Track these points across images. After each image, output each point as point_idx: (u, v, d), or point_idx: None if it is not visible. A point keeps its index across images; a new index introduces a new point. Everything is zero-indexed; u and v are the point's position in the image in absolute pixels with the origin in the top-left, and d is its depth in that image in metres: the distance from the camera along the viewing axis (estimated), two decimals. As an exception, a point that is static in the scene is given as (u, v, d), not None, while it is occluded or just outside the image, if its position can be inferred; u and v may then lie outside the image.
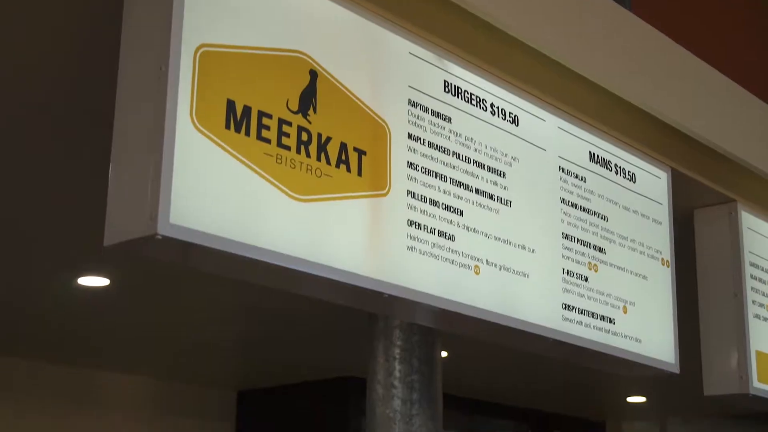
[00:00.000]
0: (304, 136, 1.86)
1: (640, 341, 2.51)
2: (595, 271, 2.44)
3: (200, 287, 3.92)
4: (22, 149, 2.57)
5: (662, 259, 2.65)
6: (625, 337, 2.48)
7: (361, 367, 4.47)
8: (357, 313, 4.02)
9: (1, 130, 2.47)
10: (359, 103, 1.98)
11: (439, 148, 2.12)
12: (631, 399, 5.99)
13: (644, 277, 2.57)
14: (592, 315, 2.40)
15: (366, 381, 3.95)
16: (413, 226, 2.04)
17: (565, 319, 2.33)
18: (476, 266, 2.15)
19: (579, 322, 2.36)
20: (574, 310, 2.36)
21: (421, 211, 2.06)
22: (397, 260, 1.99)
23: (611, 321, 2.45)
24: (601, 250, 2.47)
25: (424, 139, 2.10)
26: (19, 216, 3.09)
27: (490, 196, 2.22)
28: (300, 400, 5.54)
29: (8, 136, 2.49)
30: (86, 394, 5.16)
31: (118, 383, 5.29)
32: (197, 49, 1.70)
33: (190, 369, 5.33)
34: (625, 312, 2.49)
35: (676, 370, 2.62)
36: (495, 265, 2.19)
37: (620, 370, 2.62)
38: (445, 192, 2.11)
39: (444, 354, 4.03)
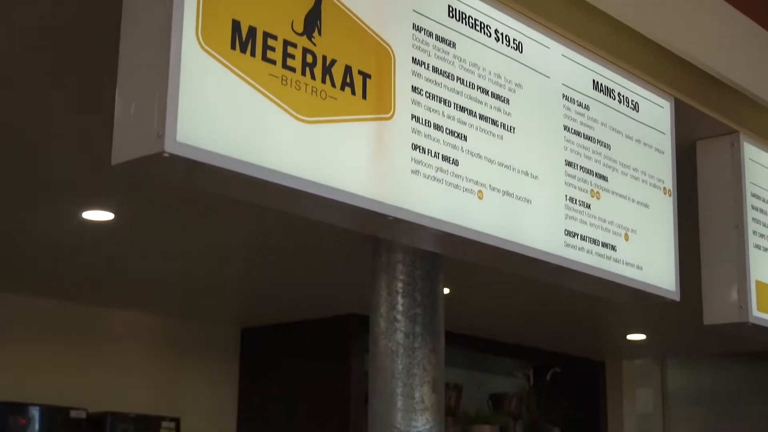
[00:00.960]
0: (309, 58, 1.86)
1: (641, 268, 2.54)
2: (598, 198, 2.46)
3: (204, 224, 3.95)
4: (23, 76, 2.57)
5: (664, 188, 2.66)
6: (627, 264, 2.50)
7: (363, 305, 4.52)
8: (360, 250, 4.06)
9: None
10: (363, 26, 1.98)
11: (443, 73, 2.13)
12: (631, 337, 6.04)
13: (646, 206, 2.59)
14: (594, 242, 2.42)
15: (369, 317, 4.00)
16: (417, 150, 2.05)
17: (568, 245, 2.36)
18: (480, 191, 2.17)
19: (581, 249, 2.38)
20: (576, 237, 2.38)
21: (425, 136, 2.07)
22: (402, 183, 2.01)
23: (613, 248, 2.47)
24: (604, 177, 2.49)
25: (428, 64, 2.10)
26: (21, 147, 3.09)
27: (494, 122, 2.23)
28: (303, 337, 5.59)
29: (9, 62, 2.49)
30: (90, 330, 5.20)
31: (122, 320, 5.34)
32: (202, -33, 1.70)
33: (194, 306, 5.37)
34: (626, 239, 2.51)
35: (677, 297, 2.65)
36: (498, 191, 2.21)
37: (621, 298, 2.65)
38: (449, 117, 2.12)
39: (446, 291, 4.07)
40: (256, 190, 1.84)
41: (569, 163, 2.40)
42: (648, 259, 2.56)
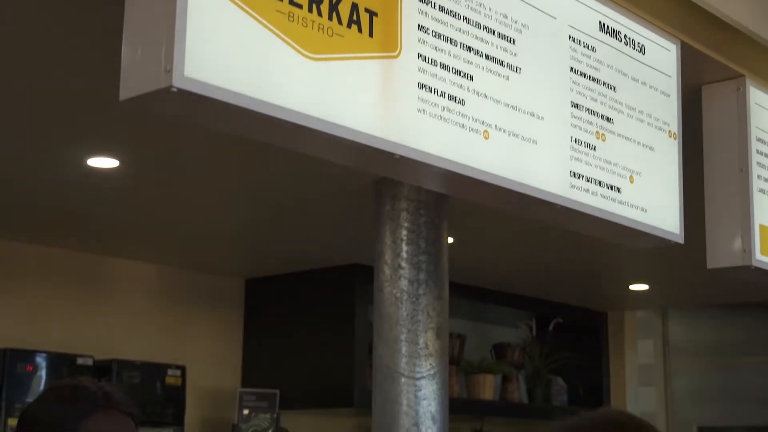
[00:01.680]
0: (316, -5, 1.86)
1: (646, 211, 2.55)
2: (603, 140, 2.46)
3: (209, 173, 3.96)
4: (26, 17, 2.56)
5: (669, 131, 2.67)
6: (631, 206, 2.51)
7: (367, 255, 4.54)
8: (364, 199, 4.07)
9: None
10: (370, -37, 1.98)
11: (449, 12, 2.13)
12: (633, 287, 6.07)
13: (651, 149, 2.60)
14: (599, 183, 2.44)
15: (373, 267, 4.02)
16: (423, 89, 2.05)
17: (573, 186, 2.37)
18: (485, 131, 2.18)
19: (586, 190, 2.40)
20: (581, 178, 2.39)
21: (431, 75, 2.07)
22: (408, 122, 2.02)
23: (617, 190, 2.48)
24: (609, 120, 2.49)
25: (434, 3, 2.10)
26: (24, 90, 3.09)
27: (500, 62, 2.23)
28: (307, 288, 5.62)
29: (10, 3, 2.48)
30: (94, 280, 5.23)
31: (127, 270, 5.37)
32: None
33: (198, 257, 5.39)
34: (631, 181, 2.52)
35: (681, 240, 2.66)
36: (504, 131, 2.22)
37: (625, 240, 2.67)
38: (455, 56, 2.13)
39: (450, 240, 4.09)
40: (262, 127, 1.85)
41: (575, 105, 2.40)
42: (652, 201, 2.58)
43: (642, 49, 2.62)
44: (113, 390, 2.23)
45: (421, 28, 2.06)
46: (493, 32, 2.21)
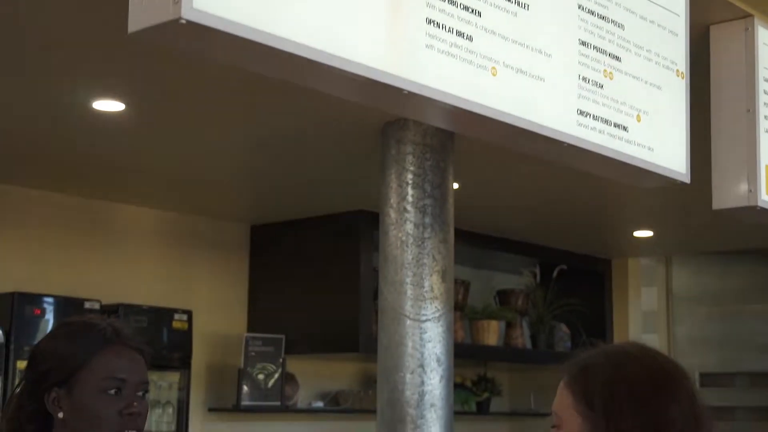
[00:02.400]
0: (323, -73, 1.85)
1: (653, 150, 2.55)
2: (611, 78, 2.46)
3: (214, 117, 3.95)
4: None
5: (677, 70, 2.66)
6: (638, 145, 2.51)
7: (372, 201, 4.54)
8: (369, 143, 4.07)
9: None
10: None
11: (457, -53, 2.11)
12: (637, 234, 6.08)
13: (658, 87, 2.59)
14: (606, 122, 2.43)
15: (378, 213, 4.03)
16: (432, 24, 2.05)
17: (580, 124, 2.36)
18: (493, 68, 2.17)
19: (593, 128, 2.40)
20: (588, 116, 2.39)
21: (439, 10, 2.06)
22: (416, 57, 2.01)
23: (625, 129, 2.48)
24: (617, 58, 2.48)
25: (442, -63, 2.08)
26: (29, 33, 3.07)
27: (508, -1, 2.22)
28: (312, 234, 5.63)
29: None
30: (101, 225, 5.25)
31: (133, 215, 5.38)
32: None
33: (204, 203, 5.40)
34: (638, 120, 2.52)
35: (687, 180, 2.67)
36: (512, 68, 2.21)
37: (632, 180, 2.67)
38: (463, -8, 2.11)
39: (455, 186, 4.09)
40: (270, 60, 1.85)
41: (583, 43, 2.39)
42: (659, 140, 2.58)
43: (650, -13, 2.60)
44: (122, 326, 2.25)
45: (429, -38, 2.05)
46: (502, -32, 2.20)
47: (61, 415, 2.13)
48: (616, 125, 2.45)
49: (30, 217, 4.98)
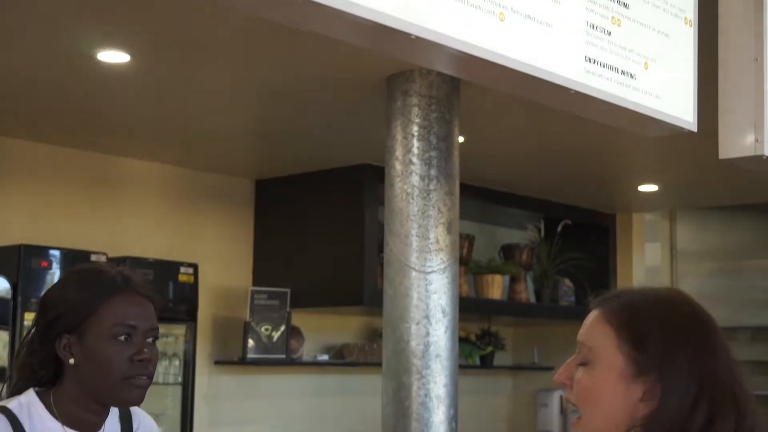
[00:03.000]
0: None
1: (660, 98, 2.54)
2: (618, 25, 2.44)
3: (220, 70, 3.94)
4: None
5: (685, 18, 2.64)
6: (645, 92, 2.50)
7: (377, 155, 4.54)
8: (375, 95, 4.06)
9: None
10: None
11: None
12: (642, 188, 6.08)
13: (666, 35, 2.58)
14: (614, 69, 2.42)
15: (383, 167, 4.03)
16: (440, -32, 2.03)
17: (587, 71, 2.36)
18: (501, 13, 2.16)
19: (600, 76, 2.39)
20: (596, 63, 2.38)
21: (447, -45, 2.05)
22: (424, 2, 2.00)
23: (632, 76, 2.47)
24: (625, 5, 2.46)
25: None
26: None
27: (516, -57, 2.20)
28: (317, 188, 5.64)
29: None
30: (106, 179, 5.26)
31: (138, 170, 5.39)
32: None
33: (209, 157, 5.41)
34: (646, 68, 2.51)
35: (694, 128, 2.66)
36: (519, 14, 2.20)
37: (639, 128, 2.67)
38: (470, -64, 2.10)
39: (461, 139, 4.09)
40: (277, 3, 1.84)
41: (591, -11, 2.38)
42: (667, 88, 2.57)
43: (659, -66, 2.58)
44: (132, 274, 2.27)
45: None
46: None
47: (72, 361, 2.15)
48: (623, 72, 2.44)
49: (36, 171, 4.99)
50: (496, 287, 6.19)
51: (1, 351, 4.22)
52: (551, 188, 6.14)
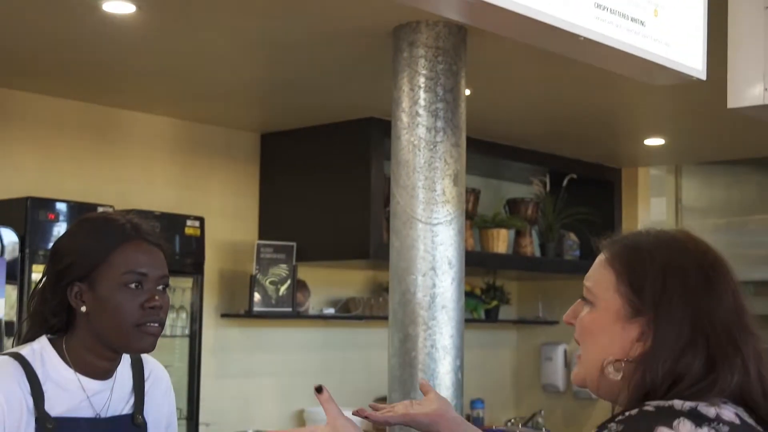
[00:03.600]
0: None
1: (669, 45, 2.53)
2: (628, -28, 2.43)
3: (227, 21, 3.92)
4: None
5: (695, -35, 2.63)
6: (655, 40, 2.50)
7: (383, 108, 4.53)
8: (381, 47, 4.04)
9: None
10: None
11: None
12: (648, 142, 6.07)
13: (676, -18, 2.57)
14: (623, 16, 2.41)
15: (389, 121, 4.03)
16: None
17: (597, 18, 2.35)
18: (511, -41, 2.15)
19: (610, 22, 2.38)
20: (605, 10, 2.37)
21: None
22: (433, -54, 2.00)
23: (641, 23, 2.46)
24: (636, -49, 2.45)
25: None
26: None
27: None
28: (322, 142, 5.63)
29: None
30: (110, 132, 5.26)
31: (144, 123, 5.39)
32: None
33: (214, 110, 5.40)
34: (655, 15, 2.50)
35: (703, 76, 2.65)
36: (529, -41, 2.19)
37: (648, 76, 2.66)
38: None
39: (467, 92, 4.08)
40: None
41: (601, -66, 2.36)
42: (676, 36, 2.56)
43: None
44: (142, 222, 2.28)
45: None
46: None
47: (83, 309, 2.17)
48: (633, 19, 2.43)
49: (41, 123, 4.99)
50: (501, 241, 6.20)
51: (10, 306, 4.23)
52: (557, 142, 6.13)
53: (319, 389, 1.88)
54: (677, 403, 1.49)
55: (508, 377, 7.22)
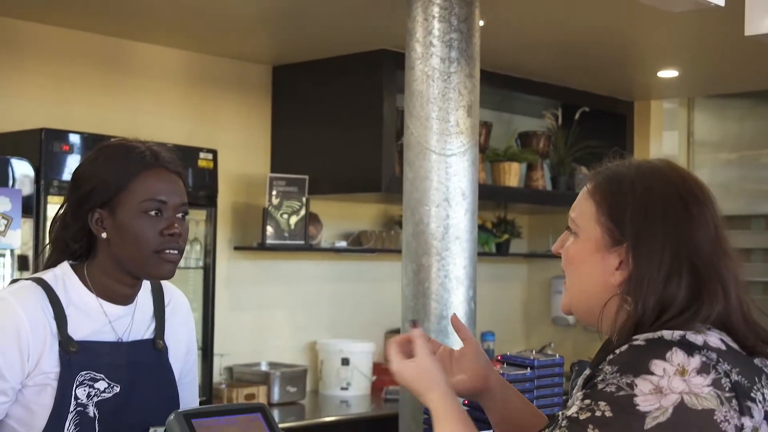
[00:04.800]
0: None
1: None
2: None
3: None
4: None
5: None
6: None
7: (396, 40, 4.50)
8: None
9: None
10: None
11: None
12: (662, 74, 6.03)
13: None
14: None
15: (402, 53, 4.00)
16: None
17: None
18: None
19: (630, -52, 2.36)
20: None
21: None
22: None
23: (661, -51, 2.44)
24: None
25: None
26: None
27: None
28: (335, 74, 5.61)
29: None
30: (123, 65, 5.24)
31: (155, 55, 5.37)
32: None
33: (225, 42, 5.37)
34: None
35: (721, 2, 2.63)
36: None
37: (667, 3, 2.64)
38: None
39: (481, 23, 4.05)
40: None
41: None
42: (695, -39, 2.54)
43: None
44: (162, 149, 2.30)
45: None
46: None
47: (104, 235, 2.19)
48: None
49: (52, 55, 4.98)
50: (513, 175, 6.20)
51: (24, 242, 4.23)
52: (570, 75, 6.10)
53: (414, 324, 1.84)
54: (666, 334, 1.52)
55: (519, 310, 7.28)
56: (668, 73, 5.97)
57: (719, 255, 1.59)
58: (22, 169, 4.23)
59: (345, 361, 5.70)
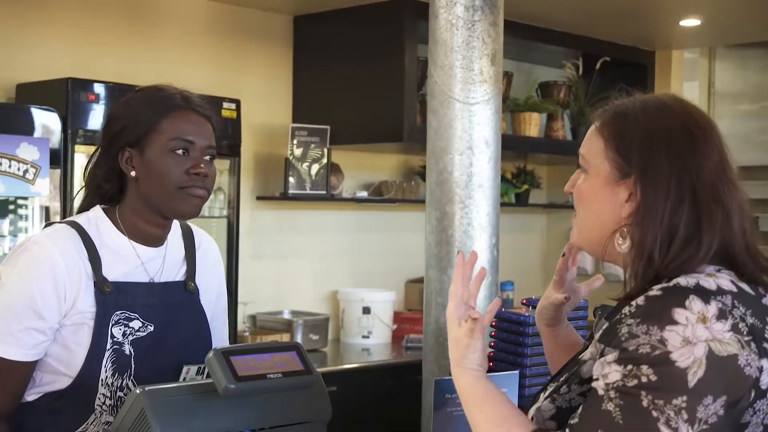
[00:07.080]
0: None
1: None
2: None
3: None
4: None
5: None
6: None
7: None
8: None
9: None
10: None
11: None
12: (684, 23, 5.99)
13: None
14: None
15: (425, 2, 3.99)
16: None
17: None
18: None
19: None
20: None
21: None
22: None
23: None
24: None
25: None
26: None
27: None
28: (356, 24, 5.60)
29: None
30: (147, 14, 5.25)
31: (178, 3, 5.37)
32: None
33: (247, -8, 5.38)
34: None
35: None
36: None
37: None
38: None
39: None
40: None
41: None
42: None
43: None
44: (192, 94, 2.35)
45: None
46: None
47: (133, 173, 2.24)
48: None
49: (80, 4, 5.00)
50: (533, 125, 6.21)
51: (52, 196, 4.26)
52: (591, 24, 6.07)
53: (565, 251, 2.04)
54: (682, 281, 1.55)
55: (538, 261, 7.31)
56: (690, 22, 5.93)
57: (723, 181, 1.63)
58: (48, 119, 4.27)
59: (366, 310, 5.76)
